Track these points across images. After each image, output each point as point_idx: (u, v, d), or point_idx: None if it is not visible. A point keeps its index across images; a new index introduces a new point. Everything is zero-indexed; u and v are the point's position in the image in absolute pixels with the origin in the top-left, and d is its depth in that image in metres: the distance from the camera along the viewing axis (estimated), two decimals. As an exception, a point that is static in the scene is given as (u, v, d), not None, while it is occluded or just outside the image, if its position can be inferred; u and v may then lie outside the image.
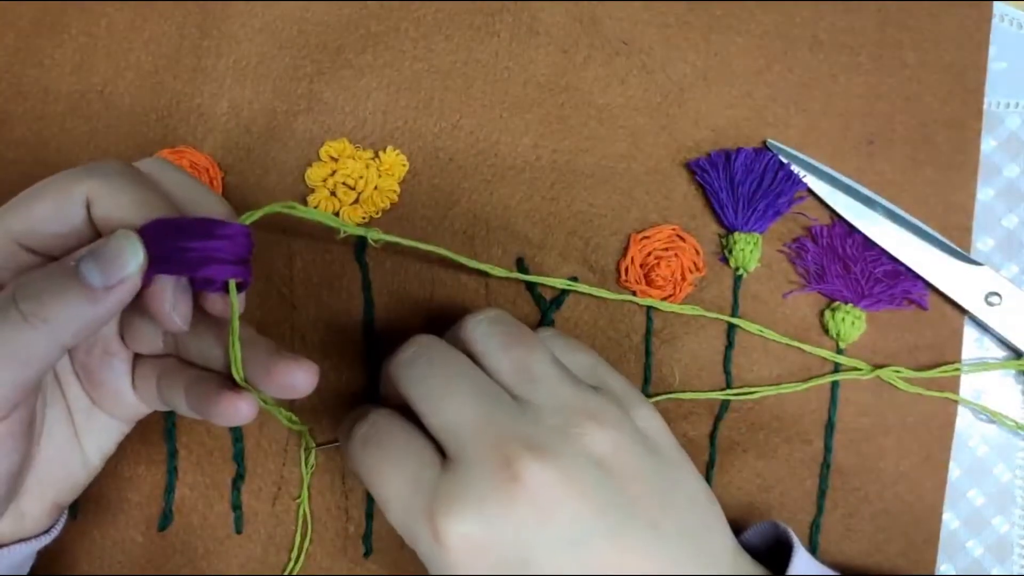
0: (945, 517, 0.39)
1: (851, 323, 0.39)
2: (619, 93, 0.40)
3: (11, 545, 0.31)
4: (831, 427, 0.39)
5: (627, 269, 0.39)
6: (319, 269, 0.40)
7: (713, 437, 0.39)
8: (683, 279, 0.39)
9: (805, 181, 0.39)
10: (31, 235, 0.28)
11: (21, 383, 0.27)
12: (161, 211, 0.28)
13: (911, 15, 0.41)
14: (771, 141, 0.40)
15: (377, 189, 0.39)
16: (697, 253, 0.40)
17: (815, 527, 0.39)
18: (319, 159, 0.40)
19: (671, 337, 0.40)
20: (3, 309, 0.26)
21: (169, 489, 0.40)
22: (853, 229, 0.39)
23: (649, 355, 0.40)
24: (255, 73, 0.41)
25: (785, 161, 0.40)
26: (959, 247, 0.39)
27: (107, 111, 0.41)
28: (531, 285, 0.40)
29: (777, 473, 0.39)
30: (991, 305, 0.39)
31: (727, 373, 0.39)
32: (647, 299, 0.39)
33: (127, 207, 0.27)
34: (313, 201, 0.40)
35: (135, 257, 0.27)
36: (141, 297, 0.28)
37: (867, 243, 0.39)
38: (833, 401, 0.39)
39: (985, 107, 0.40)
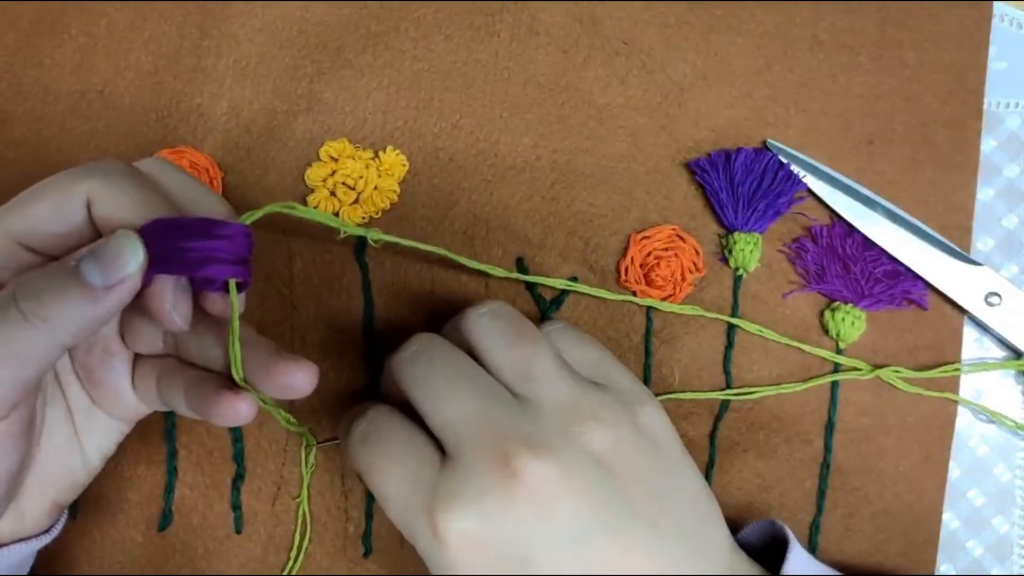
0: (945, 517, 0.39)
1: (851, 323, 0.39)
2: (619, 93, 0.40)
3: (11, 545, 0.31)
4: (831, 427, 0.39)
5: (627, 269, 0.39)
6: (319, 269, 0.40)
7: (713, 437, 0.39)
8: (683, 279, 0.39)
9: (805, 181, 0.39)
10: (31, 235, 0.28)
11: (21, 382, 0.27)
12: (161, 211, 0.28)
13: (911, 15, 0.41)
14: (771, 141, 0.40)
15: (377, 189, 0.39)
16: (697, 253, 0.40)
17: (815, 527, 0.39)
18: (319, 159, 0.40)
19: (671, 337, 0.40)
20: (3, 308, 0.26)
21: (169, 489, 0.40)
22: (853, 229, 0.39)
23: (649, 355, 0.40)
24: (255, 73, 0.41)
25: (785, 161, 0.40)
26: (959, 247, 0.39)
27: (107, 111, 0.41)
28: (531, 285, 0.40)
29: (777, 473, 0.39)
30: (991, 305, 0.39)
31: (727, 373, 0.39)
32: (647, 299, 0.39)
33: (127, 207, 0.27)
34: (313, 201, 0.40)
35: (135, 257, 0.27)
36: (141, 297, 0.28)
37: (867, 243, 0.39)
38: (833, 401, 0.39)
39: (985, 107, 0.40)
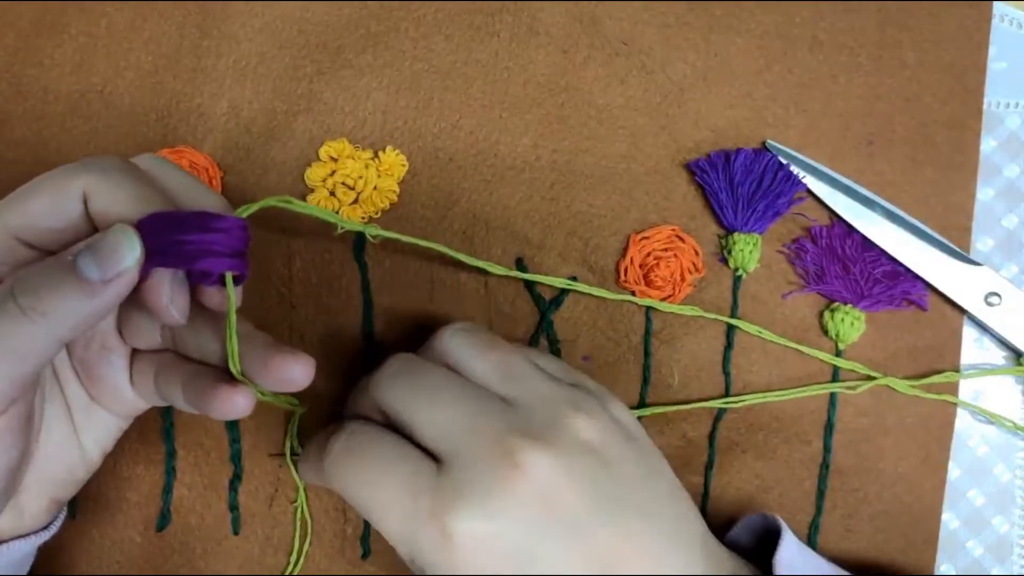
0: (945, 517, 0.39)
1: (850, 324, 0.39)
2: (619, 93, 0.40)
3: (10, 541, 0.31)
4: (830, 428, 0.39)
5: (626, 269, 0.39)
6: (318, 269, 0.40)
7: (712, 438, 0.39)
8: (682, 280, 0.39)
9: (805, 182, 0.39)
10: (28, 230, 0.28)
11: (19, 377, 0.27)
12: (158, 206, 0.28)
13: (911, 15, 0.41)
14: (771, 142, 0.40)
15: (376, 189, 0.39)
16: (696, 254, 0.39)
17: (814, 527, 0.39)
18: (319, 159, 0.40)
19: (670, 338, 0.40)
20: (1, 303, 0.26)
21: (167, 489, 0.40)
22: (852, 230, 0.39)
23: (648, 356, 0.39)
24: (255, 73, 0.41)
25: (785, 162, 0.39)
26: (959, 247, 0.39)
27: (107, 111, 0.41)
28: (530, 285, 0.40)
29: (776, 474, 0.39)
30: (991, 305, 0.39)
31: (726, 374, 0.39)
32: (646, 299, 0.39)
33: (124, 202, 0.28)
34: (313, 201, 0.40)
35: (132, 251, 0.27)
36: (138, 291, 0.28)
37: (866, 244, 0.39)
38: (832, 402, 0.39)
39: (985, 107, 0.40)
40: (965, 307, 0.39)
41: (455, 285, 0.40)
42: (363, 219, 0.40)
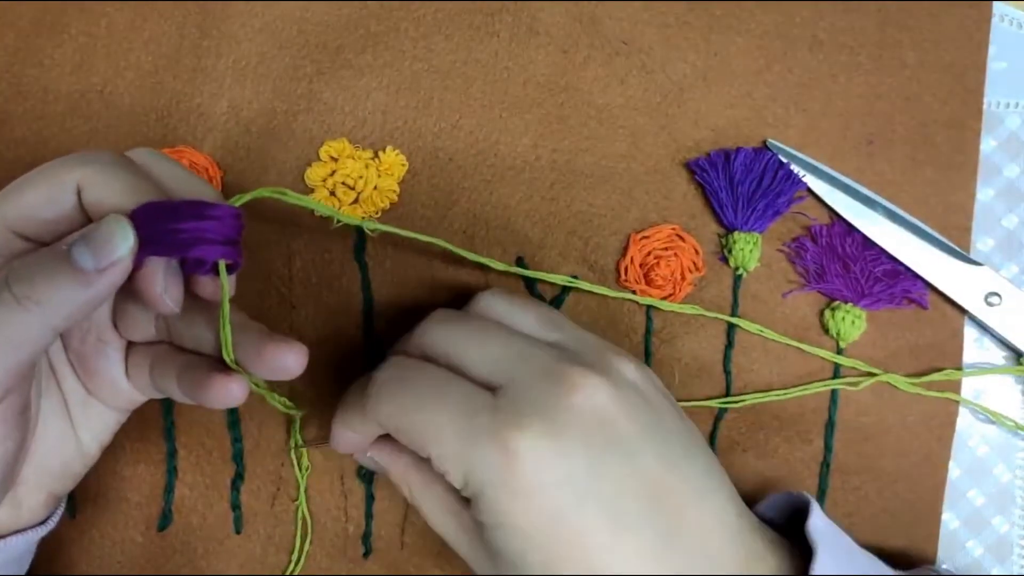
0: (945, 517, 0.39)
1: (851, 322, 0.39)
2: (619, 93, 0.40)
3: (8, 536, 0.31)
4: (831, 426, 0.39)
5: (627, 269, 0.39)
6: (318, 269, 0.40)
7: (713, 437, 0.39)
8: (683, 279, 0.39)
9: (805, 181, 0.39)
10: (23, 221, 0.28)
11: (14, 366, 0.27)
12: (151, 197, 0.28)
13: (911, 15, 0.41)
14: (771, 141, 0.40)
15: (376, 189, 0.39)
16: (697, 253, 0.40)
17: (815, 527, 0.39)
18: (319, 159, 0.40)
19: (671, 337, 0.40)
20: None
21: (168, 489, 0.40)
22: (853, 229, 0.39)
23: (649, 355, 0.40)
24: (255, 73, 0.41)
25: (785, 161, 0.39)
26: (959, 247, 0.39)
27: (107, 111, 0.41)
28: (531, 285, 0.40)
29: (777, 472, 0.39)
30: (991, 305, 0.39)
31: (727, 373, 0.39)
32: (647, 298, 0.39)
33: (118, 193, 0.28)
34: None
35: (126, 240, 0.27)
36: (133, 281, 0.28)
37: (867, 242, 0.39)
38: (833, 400, 0.39)
39: (985, 107, 0.40)
40: (965, 307, 0.39)
41: (456, 285, 0.40)
42: (363, 219, 0.40)
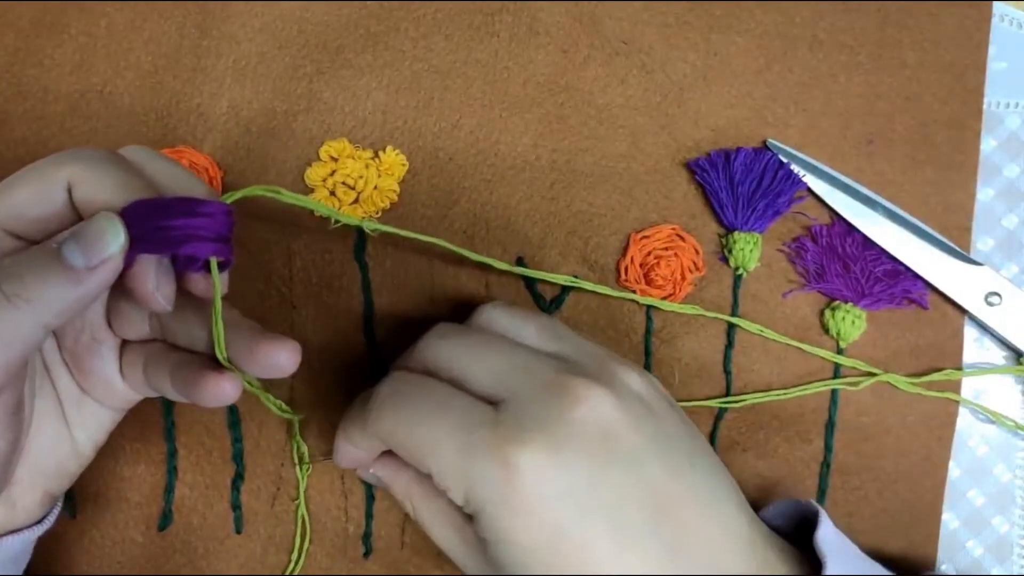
0: (945, 517, 0.39)
1: (851, 322, 0.39)
2: (619, 93, 0.40)
3: (4, 536, 0.31)
4: (831, 426, 0.39)
5: (627, 268, 0.39)
6: (319, 269, 0.40)
7: (713, 437, 0.39)
8: (683, 279, 0.39)
9: (805, 181, 0.39)
10: (14, 219, 0.28)
11: (4, 364, 0.27)
12: (142, 194, 0.28)
13: (911, 15, 0.40)
14: (771, 141, 0.40)
15: (377, 189, 0.39)
16: (697, 253, 0.40)
17: (815, 527, 0.39)
18: (319, 159, 0.40)
19: (671, 337, 0.40)
20: None
21: (169, 489, 0.40)
22: (853, 229, 0.39)
23: (649, 355, 0.40)
24: (255, 73, 0.41)
25: (785, 161, 0.39)
26: (959, 247, 0.39)
27: (107, 111, 0.41)
28: (531, 285, 0.40)
29: (777, 472, 0.39)
30: (991, 305, 0.39)
31: (727, 373, 0.39)
32: (647, 298, 0.39)
33: (109, 190, 0.28)
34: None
35: (116, 238, 0.27)
36: (124, 279, 0.28)
37: (867, 242, 0.39)
38: (833, 400, 0.39)
39: (985, 107, 0.40)
40: (965, 307, 0.39)
41: (456, 285, 0.40)
42: (363, 219, 0.40)
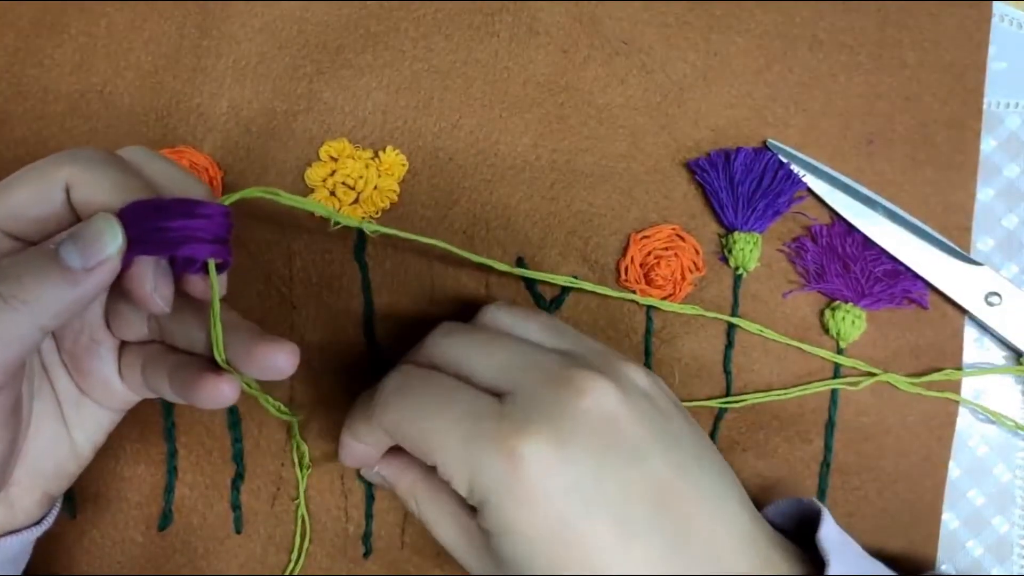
0: (945, 517, 0.39)
1: (851, 322, 0.39)
2: (619, 93, 0.40)
3: (3, 537, 0.31)
4: (831, 426, 0.39)
5: (627, 269, 0.39)
6: (319, 269, 0.40)
7: (713, 437, 0.39)
8: (683, 279, 0.39)
9: (805, 181, 0.39)
10: (11, 220, 0.28)
11: (1, 365, 0.27)
12: (141, 195, 0.28)
13: (911, 15, 0.41)
14: (771, 141, 0.40)
15: (377, 189, 0.39)
16: (697, 253, 0.40)
17: (815, 527, 0.39)
18: (319, 159, 0.40)
19: (671, 337, 0.40)
20: None
21: (169, 489, 0.40)
22: (853, 229, 0.39)
23: (649, 355, 0.40)
24: (255, 73, 0.41)
25: (785, 161, 0.39)
26: (959, 247, 0.39)
27: (107, 111, 0.41)
28: (531, 285, 0.40)
29: (777, 472, 0.39)
30: (991, 305, 0.39)
31: (727, 373, 0.39)
32: (647, 298, 0.39)
33: (107, 191, 0.28)
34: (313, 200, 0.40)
35: (114, 239, 0.27)
36: (122, 280, 0.28)
37: (867, 242, 0.39)
38: (833, 400, 0.39)
39: (985, 107, 0.40)
40: (965, 307, 0.39)
41: (456, 285, 0.40)
42: (364, 219, 0.40)
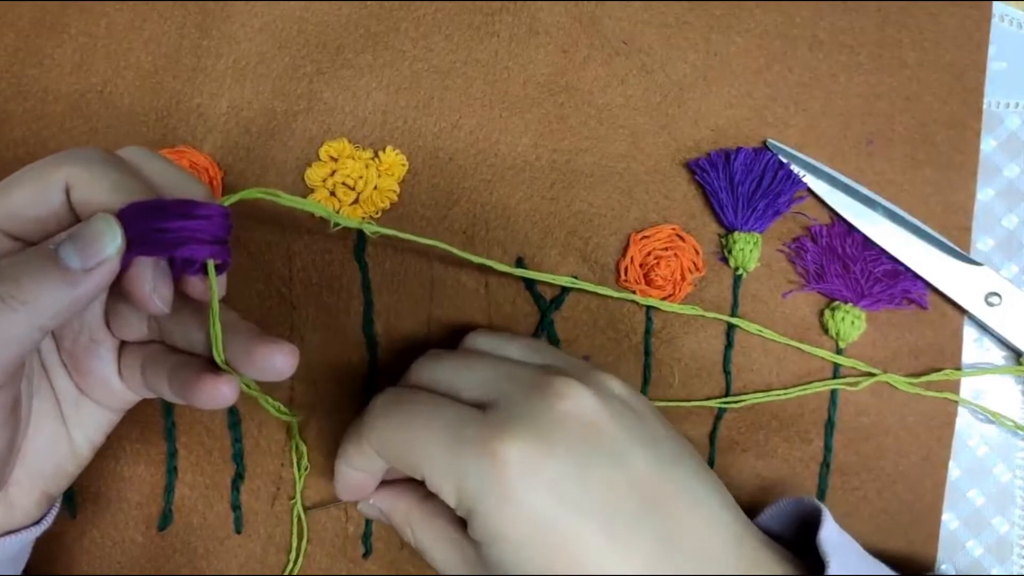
0: (945, 517, 0.39)
1: (851, 323, 0.39)
2: (619, 93, 0.40)
3: (2, 537, 0.31)
4: (831, 426, 0.39)
5: (627, 269, 0.39)
6: (319, 269, 0.40)
7: (713, 437, 0.39)
8: (683, 279, 0.39)
9: (805, 181, 0.39)
10: (11, 220, 0.28)
11: (0, 364, 0.27)
12: (140, 195, 0.28)
13: (911, 15, 0.40)
14: (771, 141, 0.40)
15: (377, 189, 0.39)
16: (697, 253, 0.40)
17: (815, 527, 0.39)
18: (319, 159, 0.40)
19: (671, 337, 0.40)
20: None
21: (169, 489, 0.40)
22: (853, 229, 0.39)
23: (649, 355, 0.40)
24: (255, 73, 0.41)
25: (785, 161, 0.39)
26: (959, 247, 0.39)
27: (107, 111, 0.41)
28: (530, 285, 0.40)
29: (777, 472, 0.39)
30: (991, 305, 0.39)
31: (726, 373, 0.39)
32: (647, 299, 0.39)
33: (106, 191, 0.27)
34: (312, 201, 0.39)
35: (113, 240, 0.27)
36: (121, 281, 0.28)
37: (867, 243, 0.39)
38: (833, 401, 0.39)
39: (985, 107, 0.40)
40: (965, 307, 0.39)
41: (455, 285, 0.40)
42: (364, 219, 0.40)
